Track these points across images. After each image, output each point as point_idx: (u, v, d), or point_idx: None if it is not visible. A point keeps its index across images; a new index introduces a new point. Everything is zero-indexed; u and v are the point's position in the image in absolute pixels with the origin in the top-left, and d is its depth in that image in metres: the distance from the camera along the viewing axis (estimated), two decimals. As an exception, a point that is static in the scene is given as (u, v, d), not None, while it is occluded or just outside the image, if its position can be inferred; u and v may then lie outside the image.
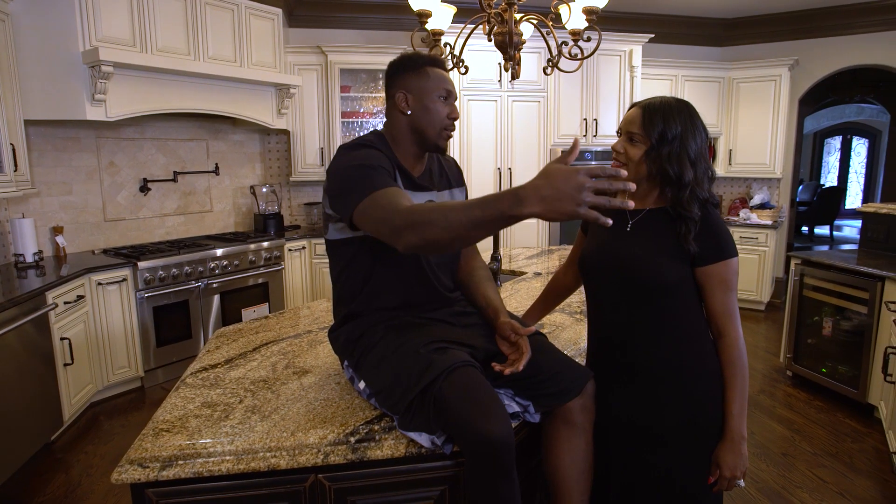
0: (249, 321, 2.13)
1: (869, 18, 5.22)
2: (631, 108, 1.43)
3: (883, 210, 3.71)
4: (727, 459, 1.39)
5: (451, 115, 1.45)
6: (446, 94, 1.44)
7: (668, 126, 1.33)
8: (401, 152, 1.46)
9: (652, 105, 1.37)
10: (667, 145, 1.34)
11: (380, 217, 1.21)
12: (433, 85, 1.43)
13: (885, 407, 2.98)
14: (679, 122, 1.34)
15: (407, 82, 1.43)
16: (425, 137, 1.45)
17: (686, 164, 1.34)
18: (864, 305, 3.25)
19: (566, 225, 5.26)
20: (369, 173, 1.29)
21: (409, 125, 1.44)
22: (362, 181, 1.28)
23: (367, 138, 1.44)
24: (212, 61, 3.99)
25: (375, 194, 1.24)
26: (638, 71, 5.11)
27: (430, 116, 1.43)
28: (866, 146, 12.28)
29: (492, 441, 1.14)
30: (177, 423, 1.30)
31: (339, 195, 1.33)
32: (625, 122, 1.41)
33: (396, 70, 1.46)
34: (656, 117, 1.34)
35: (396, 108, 1.44)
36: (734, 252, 1.38)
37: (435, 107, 1.42)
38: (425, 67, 1.44)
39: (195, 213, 4.55)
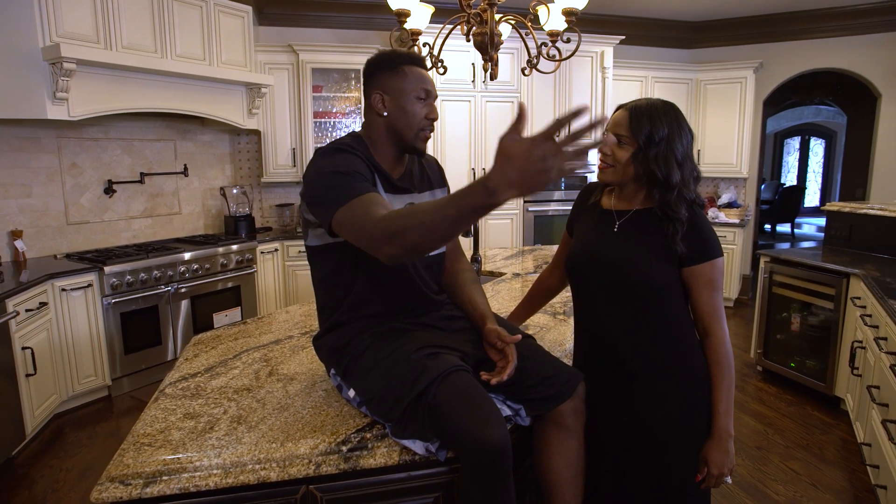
0: (227, 327, 2.07)
1: (828, 24, 5.40)
2: (617, 109, 1.43)
3: (846, 209, 3.84)
4: (715, 457, 1.40)
5: (429, 115, 1.41)
6: (425, 94, 1.40)
7: (655, 128, 1.34)
8: (379, 154, 1.42)
9: (639, 107, 1.37)
10: (654, 147, 1.34)
11: (358, 227, 1.18)
12: (411, 85, 1.39)
13: (852, 399, 3.08)
14: (665, 124, 1.35)
15: (384, 82, 1.39)
16: (402, 139, 1.41)
17: (673, 166, 1.34)
18: (830, 301, 3.35)
19: (539, 226, 5.30)
20: (346, 181, 1.25)
21: (387, 127, 1.40)
22: (339, 189, 1.24)
23: (344, 142, 1.38)
24: (180, 59, 3.87)
25: (353, 203, 1.20)
26: (609, 72, 5.17)
27: (407, 118, 1.38)
28: (823, 146, 12.72)
29: (489, 447, 1.12)
30: (159, 437, 1.25)
31: (317, 203, 1.29)
32: (611, 123, 1.41)
33: (373, 69, 1.42)
34: (643, 119, 1.35)
35: (373, 110, 1.41)
36: (720, 252, 1.39)
37: (412, 108, 1.38)
38: (403, 66, 1.39)
39: (163, 216, 4.42)
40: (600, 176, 1.45)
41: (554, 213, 5.31)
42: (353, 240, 1.21)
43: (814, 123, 11.93)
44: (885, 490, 2.19)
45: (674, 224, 1.36)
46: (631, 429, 1.47)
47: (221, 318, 4.13)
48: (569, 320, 2.13)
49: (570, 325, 2.06)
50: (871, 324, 2.68)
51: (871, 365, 2.66)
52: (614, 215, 1.47)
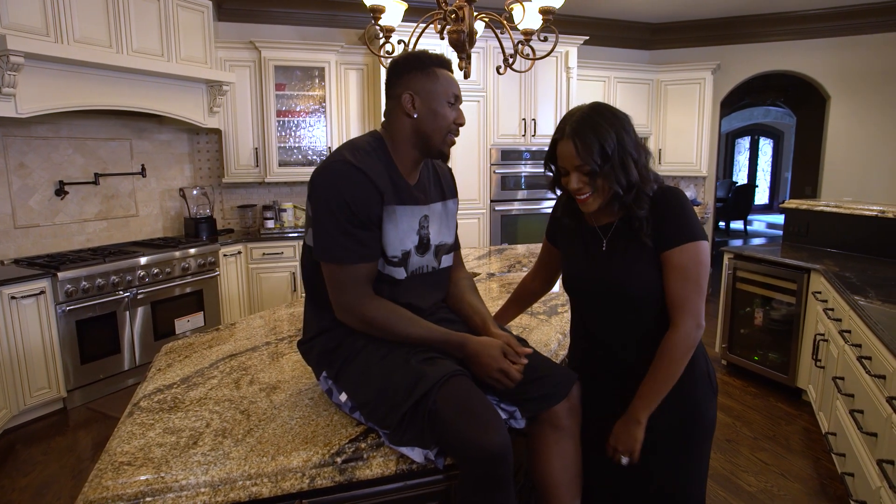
0: (199, 334, 1.97)
1: (782, 28, 5.61)
2: (556, 142, 1.37)
3: (804, 206, 3.98)
4: (616, 431, 1.38)
5: (457, 120, 1.39)
6: (454, 99, 1.38)
7: (604, 141, 1.29)
8: (399, 157, 1.39)
9: (578, 129, 1.31)
10: (609, 160, 1.29)
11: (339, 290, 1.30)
12: (443, 88, 1.36)
13: (814, 390, 3.19)
14: (611, 129, 1.30)
15: (414, 83, 1.35)
16: (429, 143, 1.38)
17: (631, 166, 1.31)
18: (791, 296, 3.46)
19: (505, 225, 5.31)
20: (350, 240, 1.27)
21: (414, 129, 1.37)
22: (341, 245, 1.27)
23: (364, 148, 1.34)
24: (136, 55, 3.70)
25: (347, 269, 1.28)
26: (574, 72, 5.22)
27: (437, 121, 1.36)
28: (771, 146, 13.24)
29: (491, 453, 1.10)
30: (139, 455, 1.17)
31: (317, 231, 1.31)
32: (564, 159, 1.35)
33: (403, 69, 1.37)
34: (590, 139, 1.29)
35: (401, 110, 1.36)
36: (692, 236, 1.31)
37: (443, 111, 1.36)
38: (434, 69, 1.37)
39: (119, 218, 4.22)
40: (586, 209, 1.39)
41: (517, 212, 5.33)
42: (329, 290, 1.32)
43: (763, 124, 12.41)
44: (853, 477, 2.27)
45: (642, 220, 1.33)
46: None
47: (183, 324, 3.97)
48: (550, 320, 2.13)
49: (552, 326, 2.05)
50: (834, 317, 2.78)
51: (834, 357, 2.75)
52: (599, 232, 1.44)
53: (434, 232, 1.46)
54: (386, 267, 1.35)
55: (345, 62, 4.78)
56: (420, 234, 1.42)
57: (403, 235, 1.37)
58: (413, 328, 1.30)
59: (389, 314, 1.30)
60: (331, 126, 4.82)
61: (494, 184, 5.16)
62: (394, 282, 1.37)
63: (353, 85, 4.85)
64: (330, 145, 4.86)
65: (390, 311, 1.31)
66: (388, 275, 1.36)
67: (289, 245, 4.58)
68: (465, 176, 4.93)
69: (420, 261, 1.43)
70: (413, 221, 1.40)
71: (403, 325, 1.30)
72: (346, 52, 4.75)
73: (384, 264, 1.35)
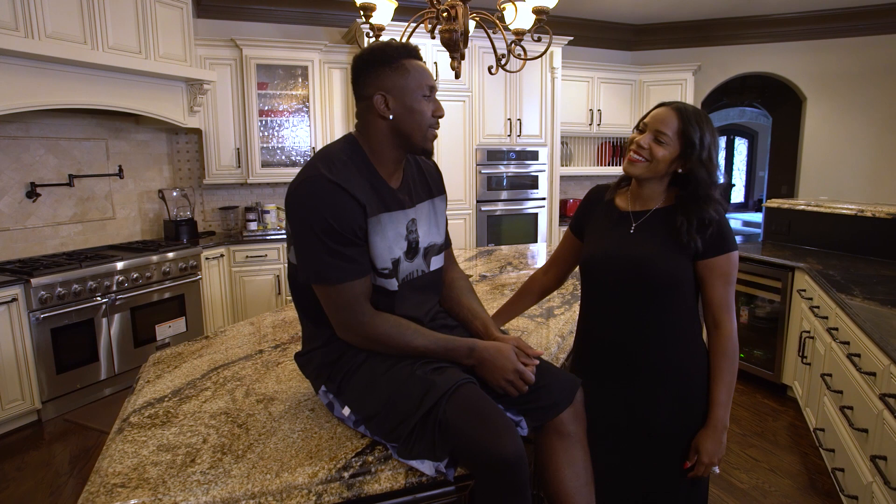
0: (188, 343, 1.90)
1: (761, 30, 5.70)
2: (659, 107, 1.42)
3: (785, 205, 4.04)
4: (707, 446, 1.42)
5: (436, 112, 1.30)
6: (429, 91, 1.28)
7: (703, 132, 1.36)
8: (379, 161, 1.30)
9: (687, 110, 1.38)
10: (703, 150, 1.36)
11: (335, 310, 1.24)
12: (415, 82, 1.25)
13: (800, 386, 3.23)
14: (709, 131, 1.37)
15: (383, 81, 1.25)
16: (410, 142, 1.29)
17: (716, 169, 1.38)
18: (776, 294, 3.50)
19: (491, 226, 5.29)
20: (335, 259, 1.20)
21: (392, 130, 1.27)
22: (326, 265, 1.20)
23: (340, 157, 1.25)
24: (112, 51, 3.58)
25: (339, 288, 1.22)
26: (559, 72, 5.23)
27: (414, 118, 1.26)
28: (746, 146, 13.48)
29: (507, 460, 1.07)
30: (133, 475, 1.11)
31: (301, 256, 1.24)
32: (655, 120, 1.40)
33: (367, 66, 1.26)
34: (693, 122, 1.36)
35: (374, 113, 1.27)
36: (735, 245, 1.41)
37: (419, 107, 1.26)
38: (402, 61, 1.25)
39: (95, 221, 4.09)
40: (628, 168, 1.44)
41: (502, 212, 5.32)
42: (326, 311, 1.27)
43: (738, 124, 12.61)
44: (843, 472, 2.29)
45: (699, 222, 1.37)
46: (636, 425, 1.48)
47: (165, 330, 3.86)
48: (548, 322, 2.11)
49: (550, 328, 2.03)
50: (821, 315, 2.81)
51: (821, 354, 2.79)
52: (631, 216, 1.46)
53: (423, 234, 1.39)
54: (377, 279, 1.28)
55: (328, 61, 4.70)
56: (409, 240, 1.35)
57: (392, 244, 1.30)
58: (418, 340, 1.25)
59: (393, 328, 1.25)
60: (314, 126, 4.75)
61: (480, 184, 5.14)
62: (387, 293, 1.30)
63: (337, 84, 4.78)
64: (314, 145, 4.78)
65: (393, 325, 1.25)
66: (380, 286, 1.29)
67: (272, 247, 4.49)
68: (451, 176, 4.90)
69: (410, 266, 1.36)
70: (400, 227, 1.32)
71: (409, 338, 1.25)
72: (329, 51, 4.68)
73: (375, 277, 1.28)
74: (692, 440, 1.46)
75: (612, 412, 1.49)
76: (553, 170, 5.43)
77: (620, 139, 5.95)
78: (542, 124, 5.30)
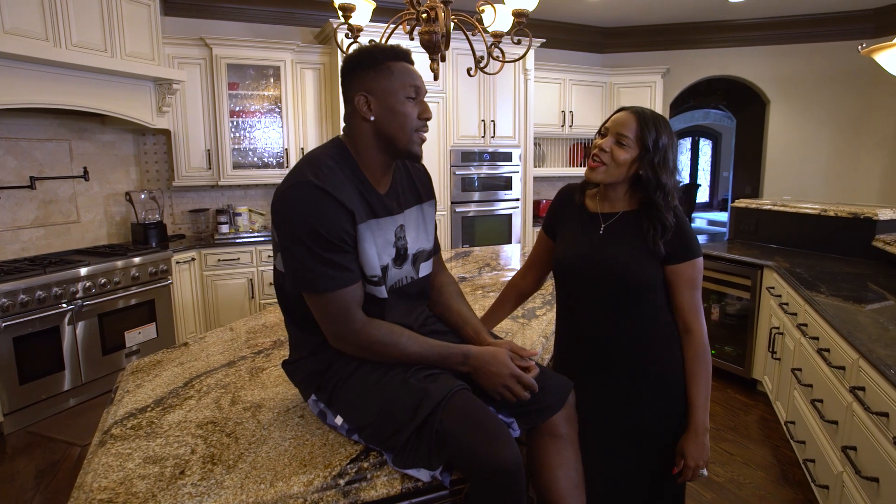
0: (167, 351, 1.85)
1: (727, 35, 5.87)
2: (620, 111, 1.44)
3: (752, 205, 4.16)
4: (692, 450, 1.45)
5: (422, 114, 1.27)
6: (415, 92, 1.25)
7: (660, 134, 1.38)
8: (366, 164, 1.28)
9: (645, 113, 1.41)
10: (658, 153, 1.38)
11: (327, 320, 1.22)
12: (399, 83, 1.23)
13: (770, 381, 3.33)
14: (666, 133, 1.39)
15: (367, 83, 1.24)
16: (395, 145, 1.26)
17: (669, 173, 1.39)
18: (746, 291, 3.60)
19: (465, 227, 5.30)
20: (324, 267, 1.17)
21: (375, 132, 1.25)
22: (315, 273, 1.17)
23: (327, 162, 1.22)
24: (76, 49, 3.46)
25: (329, 296, 1.19)
26: (531, 74, 5.27)
27: (397, 120, 1.24)
28: (710, 146, 13.84)
29: (504, 468, 1.07)
30: (120, 490, 1.07)
31: (289, 264, 1.20)
32: (615, 124, 1.42)
33: (352, 68, 1.26)
34: (651, 125, 1.38)
35: (357, 114, 1.25)
36: (700, 252, 1.45)
37: (403, 109, 1.24)
38: (387, 63, 1.24)
39: (59, 225, 3.94)
40: (589, 175, 1.46)
41: (475, 213, 5.34)
42: (318, 320, 1.24)
43: (703, 125, 12.94)
44: (814, 463, 2.37)
45: (661, 227, 1.39)
46: (617, 424, 1.50)
47: (135, 336, 3.75)
48: (531, 324, 2.12)
49: (533, 329, 2.04)
50: (790, 311, 2.90)
51: (790, 349, 2.88)
52: (600, 218, 1.48)
53: (411, 240, 1.37)
54: (367, 287, 1.26)
55: (301, 61, 4.64)
56: (397, 246, 1.33)
57: (381, 251, 1.28)
58: (413, 346, 1.24)
59: (387, 336, 1.23)
60: (287, 127, 4.68)
61: (454, 185, 5.15)
62: (377, 301, 1.28)
63: (310, 85, 4.72)
64: (286, 147, 4.71)
65: (387, 333, 1.23)
66: (369, 294, 1.27)
67: (245, 250, 4.41)
68: (425, 177, 4.89)
69: (398, 273, 1.34)
70: (388, 234, 1.30)
71: (403, 345, 1.23)
72: (302, 51, 4.62)
73: (364, 284, 1.26)
74: (675, 442, 1.48)
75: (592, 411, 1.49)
76: (526, 171, 5.47)
77: (592, 140, 6.03)
78: (516, 126, 5.34)
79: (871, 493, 1.75)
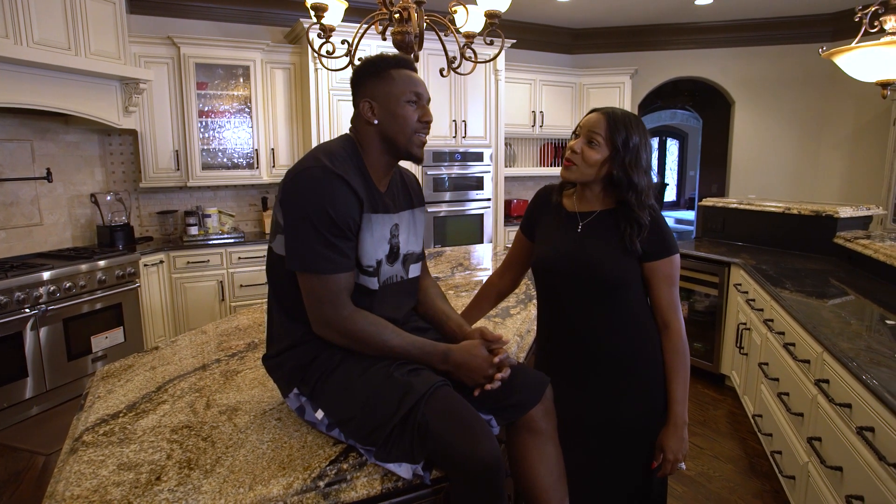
0: (138, 355, 1.81)
1: (692, 37, 6.01)
2: (591, 112, 1.46)
3: (719, 204, 4.27)
4: (671, 444, 1.48)
5: (422, 118, 1.34)
6: (416, 97, 1.33)
7: (630, 135, 1.40)
8: (371, 161, 1.35)
9: (615, 114, 1.43)
10: (628, 153, 1.40)
11: (317, 301, 1.24)
12: (399, 89, 1.32)
13: (738, 376, 3.42)
14: (637, 133, 1.41)
15: (371, 89, 1.33)
16: (396, 146, 1.34)
17: (642, 172, 1.41)
18: (714, 288, 3.70)
19: (437, 227, 5.31)
20: (330, 251, 1.22)
21: (379, 134, 1.34)
22: (320, 254, 1.22)
23: (340, 153, 1.30)
24: (38, 47, 3.35)
25: (327, 279, 1.22)
26: (502, 74, 5.31)
27: (398, 123, 1.32)
28: (677, 146, 14.13)
29: (484, 463, 1.08)
30: (94, 498, 1.04)
31: (291, 243, 1.25)
32: (586, 125, 1.44)
33: (359, 77, 1.35)
34: (620, 125, 1.40)
35: (362, 118, 1.34)
36: (677, 249, 1.48)
37: (403, 112, 1.31)
38: (389, 71, 1.33)
39: (20, 228, 3.82)
40: (564, 174, 1.49)
41: (447, 213, 5.35)
42: (306, 303, 1.26)
43: (669, 125, 13.20)
44: (781, 454, 2.45)
45: (636, 227, 1.41)
46: (598, 420, 1.52)
47: (101, 341, 3.66)
48: (505, 322, 2.14)
49: (507, 328, 2.06)
50: (756, 307, 2.99)
51: (757, 344, 2.96)
52: (578, 217, 1.50)
53: (403, 240, 1.44)
54: (360, 277, 1.31)
55: (271, 61, 4.59)
56: (391, 244, 1.39)
57: (377, 245, 1.34)
58: (395, 340, 1.27)
59: (371, 326, 1.26)
60: (257, 127, 4.62)
61: (425, 185, 5.15)
62: (368, 292, 1.33)
63: (280, 85, 4.67)
64: (256, 147, 4.65)
65: (372, 323, 1.26)
66: (362, 285, 1.31)
67: (215, 252, 4.34)
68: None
69: (390, 270, 1.40)
70: (385, 230, 1.36)
71: (386, 337, 1.26)
72: (272, 51, 4.56)
73: (358, 274, 1.30)
74: (655, 438, 1.51)
75: (573, 408, 1.52)
76: (497, 171, 5.51)
77: (562, 140, 6.11)
78: (487, 126, 5.37)
79: (835, 482, 1.82)
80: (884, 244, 2.91)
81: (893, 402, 1.44)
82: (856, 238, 3.19)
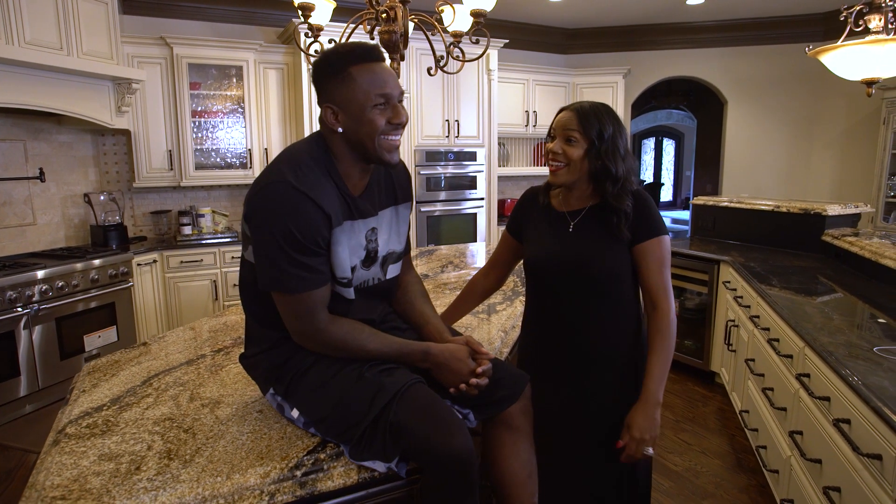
0: (125, 350, 1.83)
1: (685, 37, 6.04)
2: (561, 112, 1.48)
3: (710, 202, 4.29)
4: (639, 420, 1.43)
5: (392, 120, 1.21)
6: (383, 101, 1.19)
7: (602, 125, 1.41)
8: (343, 165, 1.25)
9: (583, 108, 1.44)
10: (604, 143, 1.41)
11: (293, 317, 1.22)
12: (363, 94, 1.17)
13: (727, 373, 3.45)
14: (610, 122, 1.43)
15: (332, 93, 1.20)
16: (366, 152, 1.23)
17: (619, 160, 1.42)
18: (704, 286, 3.72)
19: (431, 227, 5.33)
20: (297, 269, 1.15)
21: (345, 141, 1.23)
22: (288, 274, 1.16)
23: (306, 161, 1.20)
24: (30, 47, 3.37)
25: (298, 297, 1.19)
26: (495, 74, 5.34)
27: (363, 129, 1.19)
28: (673, 146, 14.16)
29: (458, 457, 1.10)
30: (73, 487, 1.06)
31: (260, 262, 1.19)
32: (559, 124, 1.46)
33: (318, 77, 1.22)
34: (591, 118, 1.42)
35: (326, 125, 1.23)
36: (665, 230, 1.48)
37: (369, 117, 1.18)
38: (349, 69, 1.17)
39: (13, 227, 3.83)
40: (553, 179, 1.49)
41: (441, 213, 5.37)
42: (283, 317, 1.24)
43: (665, 125, 13.24)
44: (766, 449, 2.47)
45: (620, 215, 1.43)
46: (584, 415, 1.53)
47: (94, 340, 3.67)
48: (490, 318, 2.16)
49: (492, 324, 2.08)
50: (744, 304, 3.01)
51: (744, 341, 2.98)
52: (567, 216, 1.52)
53: (382, 242, 1.36)
54: (335, 287, 1.27)
55: (264, 61, 4.61)
56: (367, 249, 1.32)
57: (351, 253, 1.27)
58: (373, 344, 1.25)
59: (348, 333, 1.24)
60: (250, 127, 4.64)
61: (419, 185, 5.17)
62: (343, 300, 1.29)
63: (273, 85, 4.69)
64: (250, 147, 4.67)
65: (349, 330, 1.24)
66: (337, 294, 1.27)
67: (208, 252, 4.35)
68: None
69: (365, 274, 1.34)
70: (360, 237, 1.29)
71: (363, 342, 1.24)
72: (265, 51, 4.58)
73: (333, 284, 1.26)
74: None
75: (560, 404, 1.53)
76: (491, 170, 5.53)
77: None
78: (480, 125, 5.39)
79: (815, 474, 1.84)
80: (871, 241, 2.94)
81: (868, 394, 1.46)
82: (843, 235, 3.22)
